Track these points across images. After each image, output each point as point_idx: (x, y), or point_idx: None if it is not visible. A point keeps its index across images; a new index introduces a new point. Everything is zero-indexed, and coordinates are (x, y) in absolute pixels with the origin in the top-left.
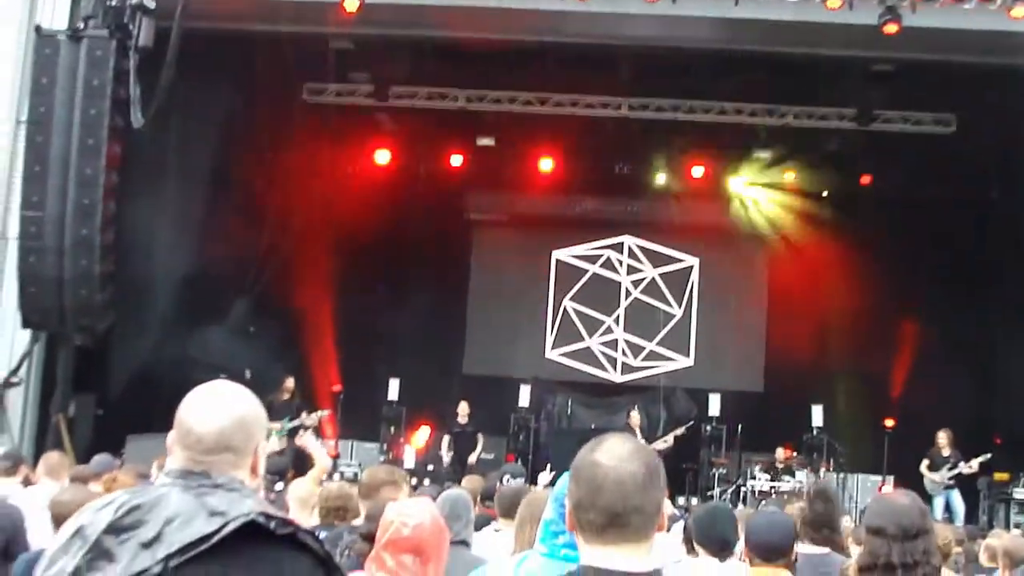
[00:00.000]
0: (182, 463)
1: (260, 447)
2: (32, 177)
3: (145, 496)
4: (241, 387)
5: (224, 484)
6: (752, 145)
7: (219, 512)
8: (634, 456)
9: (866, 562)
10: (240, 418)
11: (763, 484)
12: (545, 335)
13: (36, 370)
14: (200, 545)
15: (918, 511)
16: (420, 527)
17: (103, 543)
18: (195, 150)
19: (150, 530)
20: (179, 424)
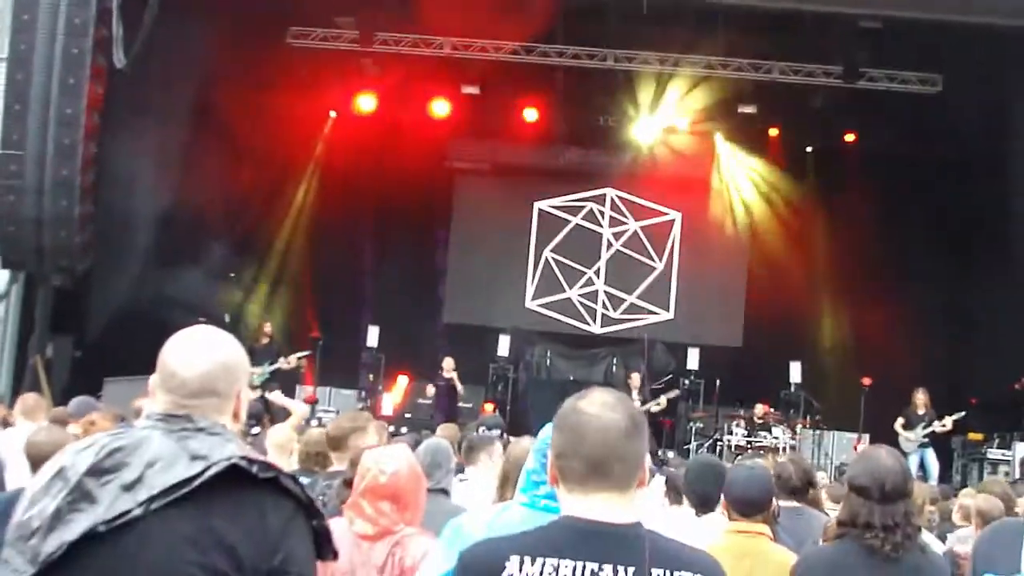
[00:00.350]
0: (165, 406)
1: (242, 392)
2: (12, 115)
3: (126, 439)
4: (224, 332)
5: (206, 428)
6: (737, 100)
7: (201, 456)
8: (618, 406)
9: (846, 516)
10: (223, 362)
11: (740, 439)
12: (526, 285)
13: (14, 311)
14: (182, 488)
15: (902, 473)
16: (397, 474)
17: (84, 485)
18: (177, 92)
19: (131, 472)
20: (162, 367)
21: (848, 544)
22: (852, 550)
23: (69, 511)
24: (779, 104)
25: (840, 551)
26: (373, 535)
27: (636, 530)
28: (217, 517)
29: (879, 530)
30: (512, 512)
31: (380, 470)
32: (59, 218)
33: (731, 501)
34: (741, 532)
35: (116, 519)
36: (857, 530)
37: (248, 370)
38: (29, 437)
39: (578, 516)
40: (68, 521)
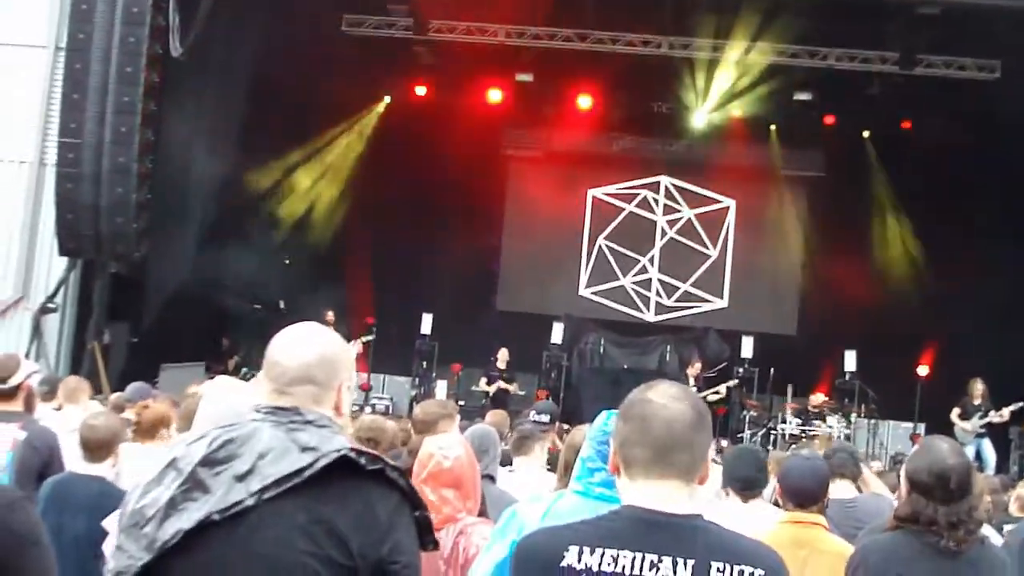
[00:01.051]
0: (268, 396)
1: (344, 386)
2: (70, 104)
3: (237, 431)
4: (330, 330)
5: (314, 420)
6: (793, 87)
7: (310, 447)
8: (684, 397)
9: (907, 513)
10: (323, 353)
11: (794, 428)
12: (579, 273)
13: (72, 297)
14: (293, 479)
15: (965, 470)
16: (459, 460)
17: (198, 475)
18: (232, 79)
19: (244, 463)
20: (266, 358)
21: (907, 535)
22: (911, 541)
23: (183, 500)
24: (836, 91)
25: (898, 541)
26: (437, 523)
27: (696, 522)
28: (327, 507)
29: (943, 528)
30: (566, 500)
31: (443, 455)
32: (116, 205)
33: (787, 491)
34: (797, 522)
35: (230, 508)
36: (918, 526)
37: (352, 367)
38: (85, 420)
39: (639, 505)
40: (183, 510)
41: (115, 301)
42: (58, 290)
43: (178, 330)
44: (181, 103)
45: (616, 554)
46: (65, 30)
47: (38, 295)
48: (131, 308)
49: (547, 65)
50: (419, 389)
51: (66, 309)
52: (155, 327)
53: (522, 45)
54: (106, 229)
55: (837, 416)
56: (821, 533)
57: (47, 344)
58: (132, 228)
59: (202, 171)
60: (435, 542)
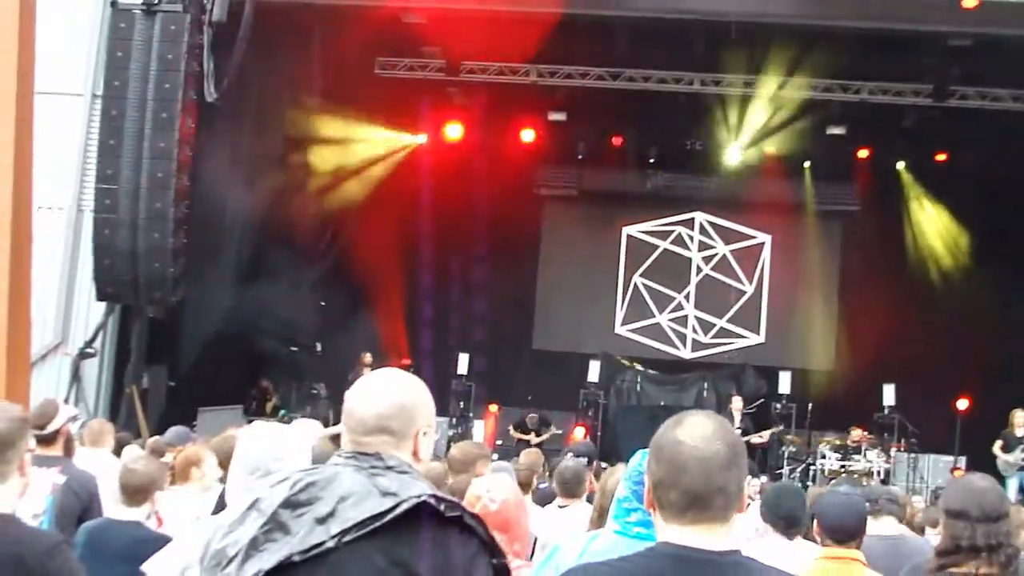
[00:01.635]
0: (346, 446)
1: (422, 433)
2: (107, 150)
3: (319, 474)
4: (409, 375)
5: (395, 467)
6: (826, 121)
7: (391, 492)
8: (717, 435)
9: (948, 546)
10: (400, 403)
11: (833, 463)
12: (615, 311)
13: (110, 341)
14: (373, 523)
15: (997, 494)
16: (506, 503)
17: (280, 516)
18: (267, 122)
19: (325, 506)
20: (344, 407)
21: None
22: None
23: (265, 541)
24: (869, 125)
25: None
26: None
27: (734, 557)
28: (406, 551)
29: (984, 551)
30: (604, 539)
31: (490, 498)
32: (153, 250)
33: (825, 528)
34: (835, 558)
35: (310, 550)
36: (961, 556)
37: (432, 413)
38: (124, 464)
39: (676, 543)
40: (264, 550)
41: (153, 345)
42: (96, 335)
43: (215, 373)
44: (216, 148)
45: None
46: (101, 78)
47: (77, 340)
48: (168, 352)
49: (579, 104)
50: (456, 429)
51: (104, 354)
52: (193, 371)
53: (554, 84)
54: (143, 274)
55: (876, 451)
56: (858, 569)
57: (86, 389)
58: (169, 273)
59: (237, 215)
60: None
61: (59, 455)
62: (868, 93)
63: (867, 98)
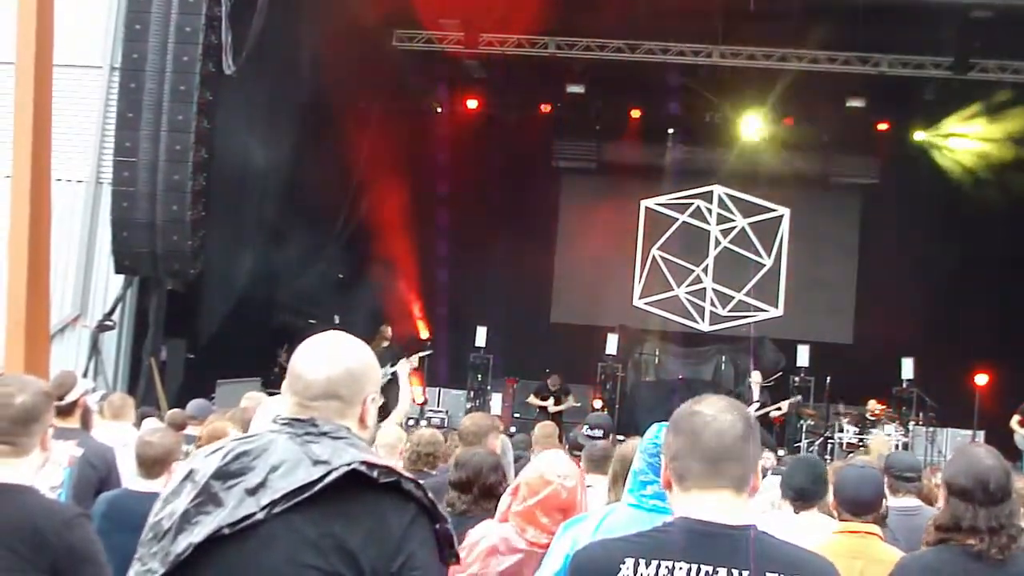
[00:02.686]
0: (290, 409)
1: (369, 399)
2: (125, 123)
3: (253, 443)
4: (355, 339)
5: (329, 432)
6: (845, 94)
7: (323, 460)
8: (733, 408)
9: (948, 522)
10: (349, 368)
11: (851, 437)
12: (633, 284)
13: (129, 314)
14: (302, 493)
15: (1004, 472)
16: (575, 488)
17: (211, 488)
18: (285, 94)
19: (256, 477)
20: (290, 371)
21: (949, 550)
22: (953, 556)
23: (196, 513)
24: (888, 97)
25: (940, 557)
26: (547, 543)
27: (750, 532)
28: (338, 521)
29: (985, 533)
30: (620, 513)
31: (563, 485)
32: (171, 223)
33: (841, 501)
34: (852, 532)
35: (239, 522)
36: (960, 535)
37: (378, 379)
38: (141, 436)
39: (693, 517)
40: (195, 523)
41: (171, 318)
42: (115, 307)
43: (234, 346)
44: (234, 120)
45: (671, 565)
46: (120, 50)
47: (95, 313)
48: (187, 325)
49: (598, 77)
50: (474, 402)
51: (123, 326)
52: (211, 343)
53: (573, 57)
54: (161, 247)
55: (895, 424)
56: (876, 543)
57: (105, 361)
58: (187, 245)
59: (255, 188)
60: (456, 555)
61: (77, 427)
62: (887, 66)
63: (886, 71)
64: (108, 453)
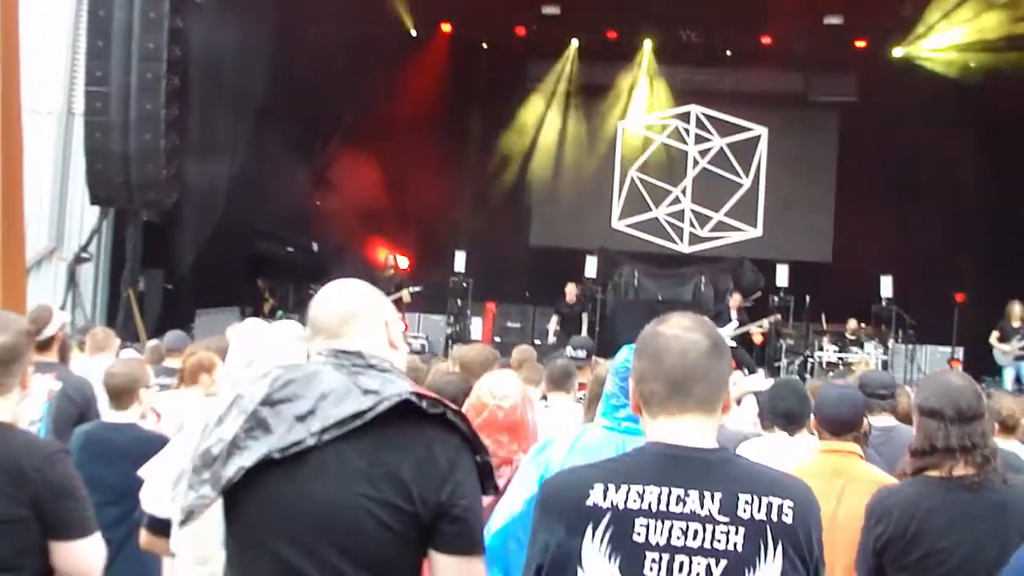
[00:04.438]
0: (325, 345)
1: (390, 320)
2: (95, 52)
3: (299, 371)
4: (359, 281)
5: (376, 364)
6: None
7: (372, 390)
8: (697, 327)
9: (923, 446)
10: (362, 292)
11: (831, 355)
12: (611, 206)
13: (106, 246)
14: (354, 421)
15: (974, 392)
16: (515, 406)
17: (260, 413)
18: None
19: (305, 404)
20: (310, 318)
21: (925, 481)
22: (930, 487)
23: (246, 438)
24: (866, 14)
25: (918, 489)
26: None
27: (722, 455)
28: (387, 450)
29: (958, 451)
30: (592, 433)
31: (498, 406)
32: (145, 152)
33: (821, 420)
34: (832, 451)
35: (289, 447)
36: (935, 457)
37: (391, 307)
38: (107, 368)
39: (663, 441)
40: (244, 448)
41: (149, 248)
42: (91, 239)
43: (213, 275)
44: (206, 48)
45: (642, 490)
46: None
47: (71, 245)
48: (165, 255)
49: None
50: (454, 327)
51: (100, 258)
52: (189, 273)
53: None
54: (136, 177)
55: (874, 342)
56: (857, 462)
57: (82, 294)
58: (162, 175)
59: (230, 114)
60: (496, 487)
61: (54, 361)
62: None
63: None
64: (86, 386)
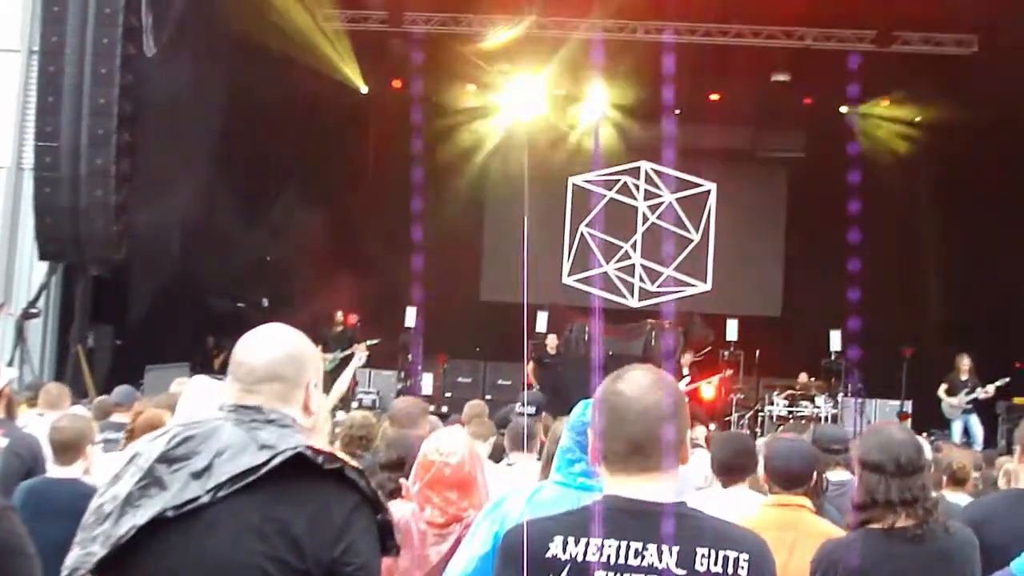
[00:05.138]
0: (235, 396)
1: (311, 384)
2: (46, 108)
3: (200, 428)
4: (295, 330)
5: (276, 420)
6: (771, 68)
7: (269, 445)
8: (657, 386)
9: (864, 500)
10: (290, 352)
11: (781, 409)
12: (562, 261)
13: (55, 301)
14: (248, 476)
15: (914, 446)
16: (461, 463)
17: (156, 471)
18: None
19: (201, 461)
20: (233, 359)
21: (870, 533)
22: (874, 539)
23: (140, 496)
24: (813, 71)
25: (862, 541)
26: (443, 523)
27: (680, 509)
28: (282, 507)
29: (898, 506)
30: (547, 491)
31: (444, 463)
32: (95, 207)
33: (771, 474)
34: (782, 505)
35: (184, 505)
36: (877, 511)
37: (319, 366)
38: (52, 423)
39: (621, 495)
40: (138, 506)
41: (98, 304)
42: (40, 295)
43: (162, 331)
44: (157, 102)
45: (601, 543)
46: (38, 34)
47: (20, 300)
48: (114, 311)
49: (523, 53)
50: (405, 383)
51: (49, 313)
52: (139, 329)
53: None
54: (85, 232)
55: (824, 396)
56: (807, 515)
57: (30, 349)
58: (112, 230)
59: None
60: (396, 547)
61: (1, 418)
62: (812, 39)
63: (811, 44)
64: (33, 443)
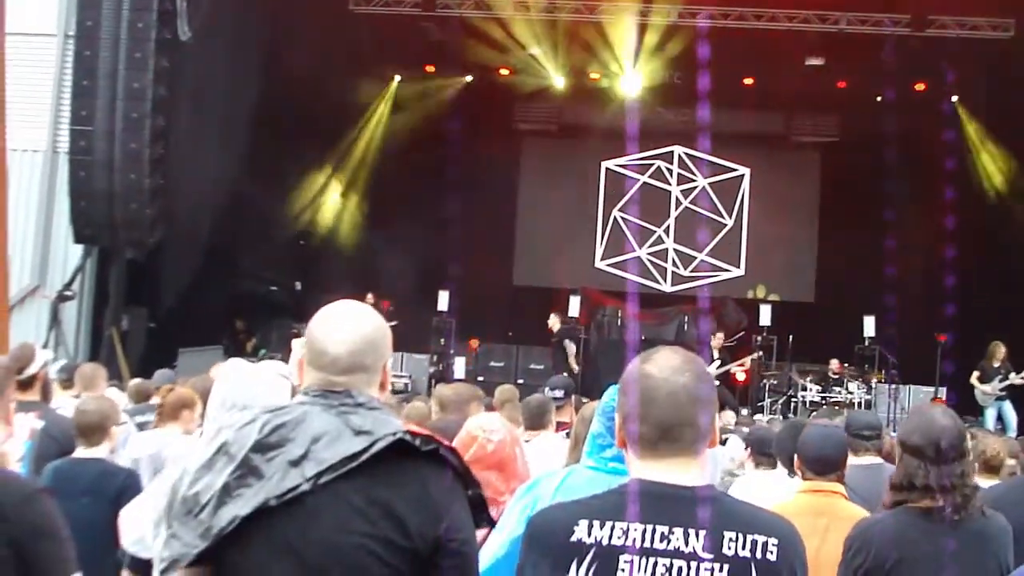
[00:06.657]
0: (318, 383)
1: (387, 364)
2: (81, 91)
3: (287, 415)
4: (367, 307)
5: (365, 403)
6: (805, 52)
7: (365, 431)
8: (685, 368)
9: (903, 481)
10: (371, 338)
11: (814, 395)
12: (595, 245)
13: (89, 284)
14: (349, 463)
15: (957, 433)
16: (503, 443)
17: (251, 460)
18: (242, 62)
19: (297, 448)
20: (311, 346)
21: (905, 512)
22: (909, 518)
23: (238, 487)
24: (848, 55)
25: (897, 520)
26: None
27: (707, 492)
28: (383, 488)
29: (937, 492)
30: (579, 475)
31: (487, 439)
32: (129, 191)
33: (805, 460)
34: (816, 491)
35: (286, 494)
36: (915, 494)
37: (391, 343)
38: (77, 406)
39: (648, 479)
40: (238, 496)
41: (132, 287)
42: (75, 278)
43: (196, 314)
44: (191, 86)
45: (626, 527)
46: (74, 18)
47: (55, 283)
48: (148, 294)
49: (558, 37)
50: (438, 367)
51: (83, 296)
52: (173, 312)
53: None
54: (120, 215)
55: (857, 382)
56: (840, 501)
57: (65, 332)
58: (146, 214)
59: (214, 155)
60: (490, 519)
61: (37, 400)
62: (847, 23)
63: (845, 28)
64: (69, 426)
